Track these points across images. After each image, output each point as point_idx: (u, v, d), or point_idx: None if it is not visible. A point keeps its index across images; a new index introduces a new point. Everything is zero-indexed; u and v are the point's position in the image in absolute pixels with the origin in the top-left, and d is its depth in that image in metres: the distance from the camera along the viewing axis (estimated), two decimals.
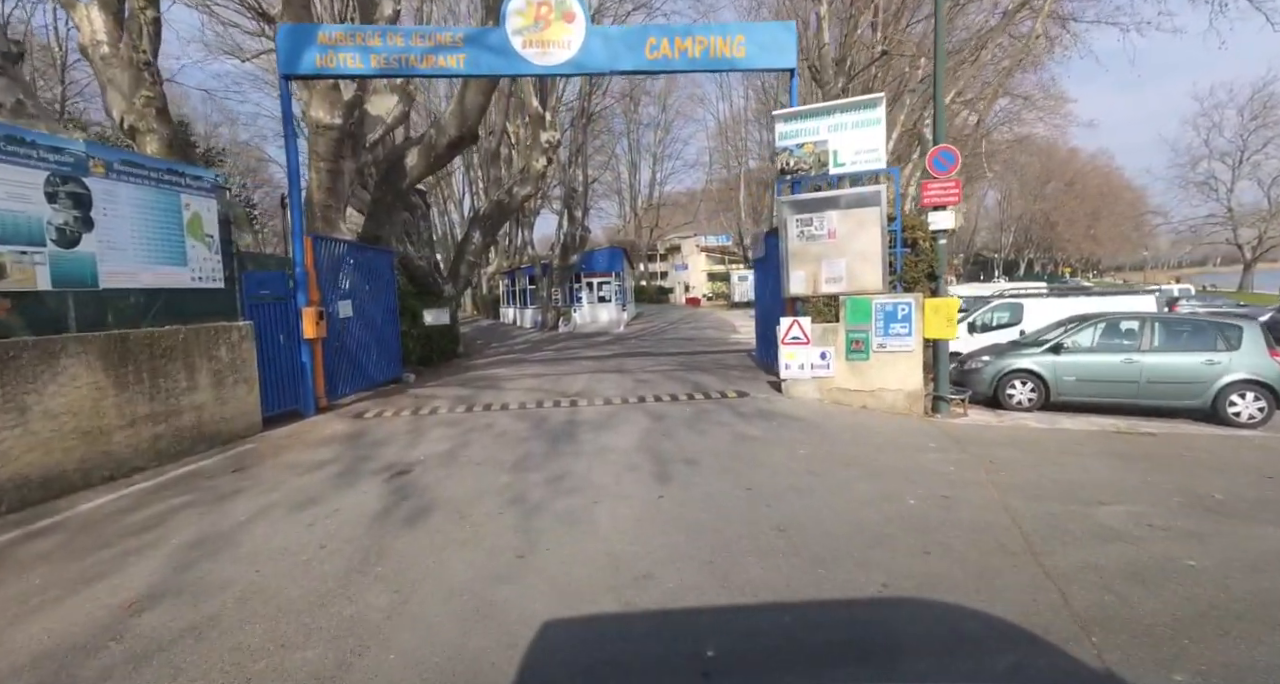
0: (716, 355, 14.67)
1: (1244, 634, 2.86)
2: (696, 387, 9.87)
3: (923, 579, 3.43)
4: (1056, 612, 3.07)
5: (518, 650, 2.82)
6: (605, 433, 6.93)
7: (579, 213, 26.00)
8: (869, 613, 3.15)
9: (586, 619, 3.13)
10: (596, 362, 14.28)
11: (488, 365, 14.60)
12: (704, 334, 22.43)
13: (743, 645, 2.90)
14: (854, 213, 8.36)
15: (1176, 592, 3.27)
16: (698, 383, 10.25)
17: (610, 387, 10.27)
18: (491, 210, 17.07)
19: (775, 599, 3.25)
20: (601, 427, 7.26)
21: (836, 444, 6.30)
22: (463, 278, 17.43)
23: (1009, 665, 2.74)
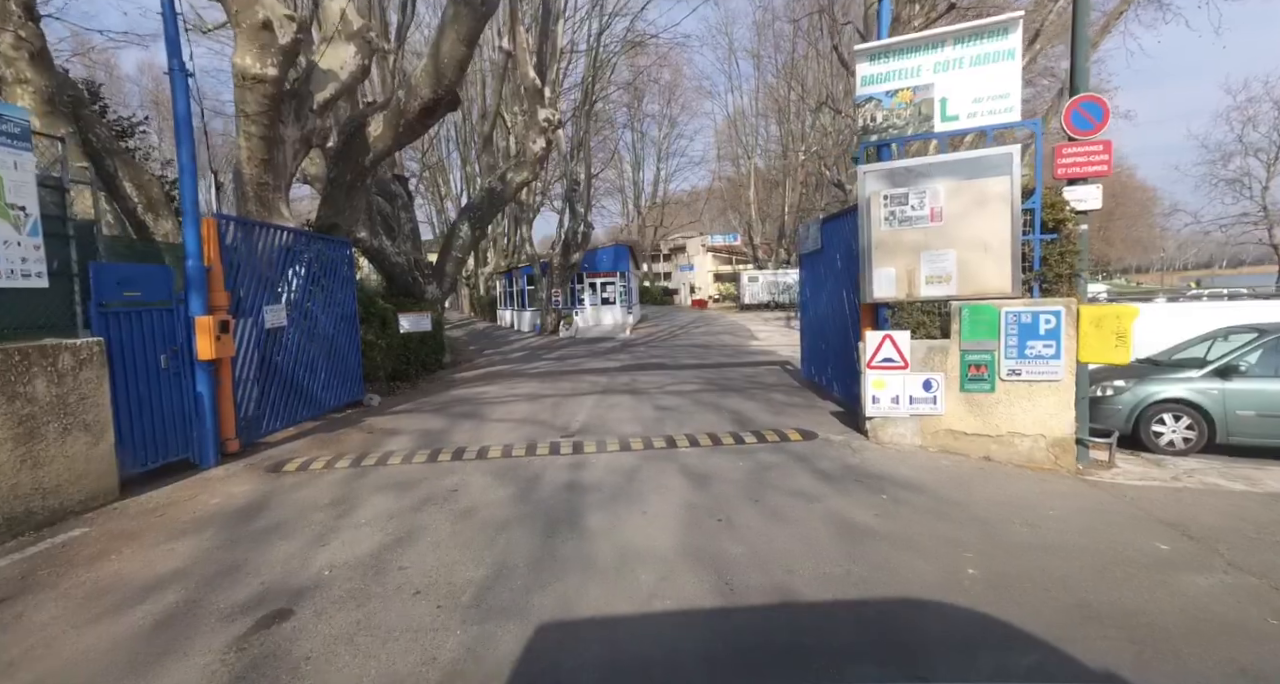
0: (746, 369, 12.19)
1: None
2: (740, 419, 7.39)
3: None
4: None
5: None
6: (625, 514, 4.44)
7: (581, 207, 23.53)
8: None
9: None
10: (603, 376, 11.82)
11: (475, 380, 12.12)
12: (719, 341, 19.96)
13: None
14: (971, 185, 5.89)
15: None
16: (739, 413, 7.77)
17: (624, 417, 7.80)
18: (482, 199, 14.59)
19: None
20: (618, 498, 4.77)
21: (1012, 548, 3.81)
22: (449, 277, 14.95)
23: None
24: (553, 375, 12.38)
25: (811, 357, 9.69)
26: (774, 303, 35.40)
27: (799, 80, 31.49)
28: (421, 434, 7.21)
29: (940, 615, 3.01)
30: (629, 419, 7.66)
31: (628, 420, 7.58)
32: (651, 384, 10.60)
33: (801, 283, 10.03)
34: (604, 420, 7.64)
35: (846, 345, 7.67)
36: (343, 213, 9.58)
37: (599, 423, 7.51)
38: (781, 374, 11.41)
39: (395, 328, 11.48)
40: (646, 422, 7.47)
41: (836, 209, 39.74)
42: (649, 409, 8.25)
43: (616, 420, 7.62)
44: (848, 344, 7.63)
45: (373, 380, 10.32)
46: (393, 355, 11.20)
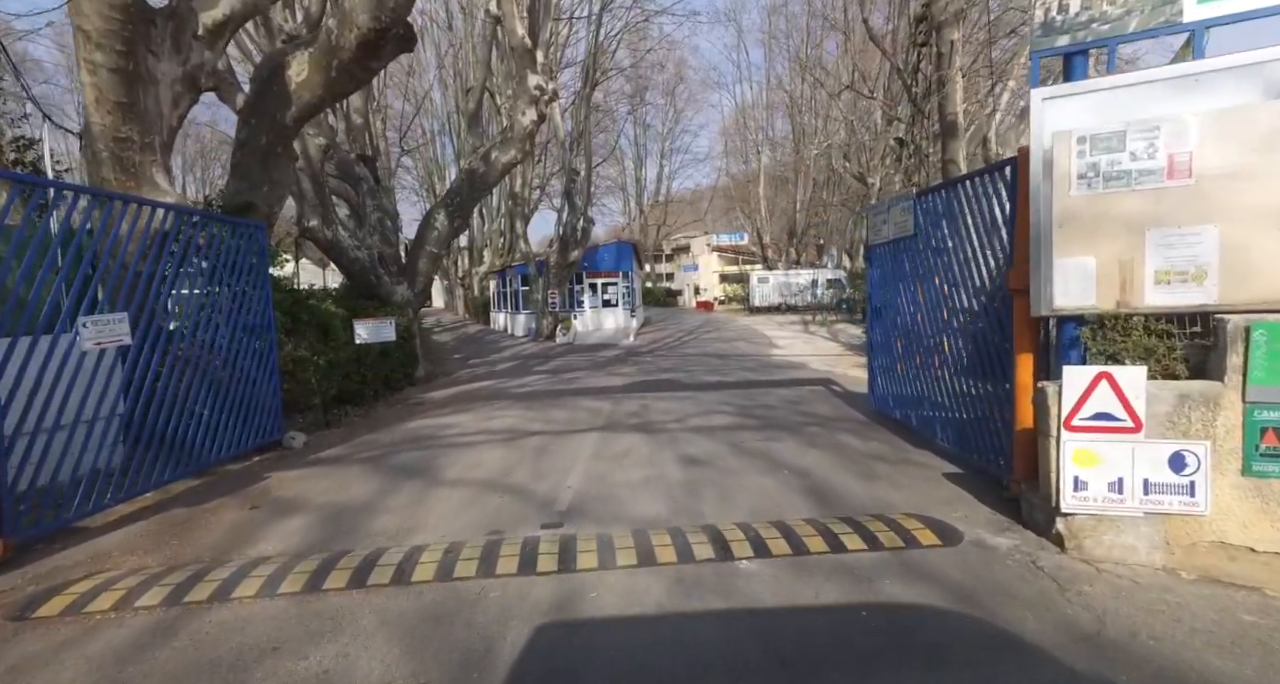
0: (782, 390, 9.62)
1: None
2: (814, 487, 4.81)
3: None
4: None
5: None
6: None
7: (580, 200, 21.00)
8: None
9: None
10: (606, 400, 9.25)
11: (448, 404, 9.55)
12: (735, 349, 17.40)
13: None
14: (1253, 115, 3.33)
15: None
16: (807, 474, 5.20)
17: (638, 480, 5.23)
18: (461, 183, 12.04)
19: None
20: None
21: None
22: (423, 276, 12.40)
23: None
24: (544, 398, 9.80)
25: (889, 382, 7.12)
26: (785, 305, 32.86)
27: (815, 66, 28.96)
28: (329, 514, 4.64)
29: None
30: (645, 485, 5.09)
31: (643, 487, 5.02)
32: (668, 414, 8.04)
33: (871, 282, 7.48)
34: (608, 486, 5.08)
35: (969, 374, 5.13)
36: (259, 188, 7.01)
37: (601, 491, 4.95)
38: (832, 399, 8.85)
39: (344, 339, 8.92)
40: (672, 490, 4.91)
41: (834, 209, 37.46)
42: (672, 464, 5.68)
43: (627, 486, 5.06)
44: (973, 372, 5.08)
45: (304, 410, 7.75)
46: (338, 374, 8.63)
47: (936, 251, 5.69)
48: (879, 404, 7.42)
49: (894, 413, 6.92)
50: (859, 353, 15.40)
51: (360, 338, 9.99)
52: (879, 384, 7.42)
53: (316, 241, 10.60)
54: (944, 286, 5.61)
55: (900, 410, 6.76)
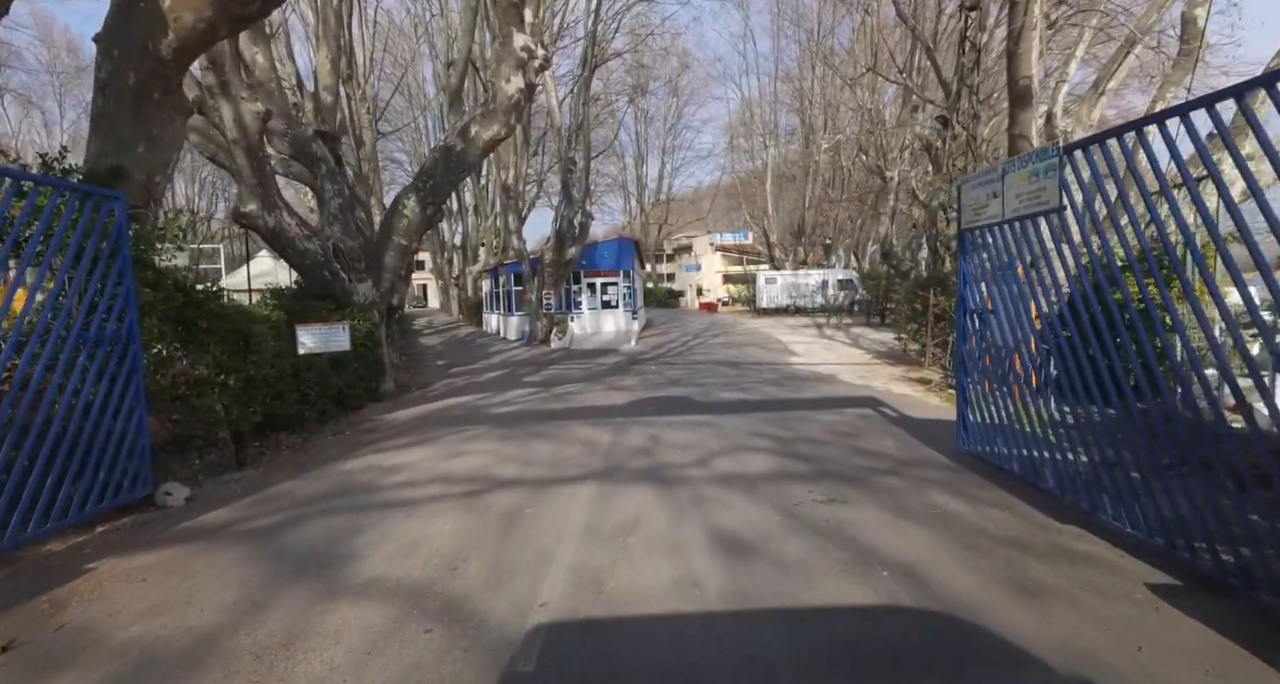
0: (823, 415, 7.66)
1: None
2: (953, 627, 2.87)
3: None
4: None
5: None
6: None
7: (578, 192, 19.04)
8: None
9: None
10: (605, 428, 7.28)
11: (405, 432, 7.57)
12: (749, 356, 15.44)
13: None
14: None
15: None
16: (920, 580, 3.25)
17: (650, 585, 3.26)
18: (435, 163, 10.07)
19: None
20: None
21: None
22: (389, 273, 10.43)
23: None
24: (528, 422, 7.84)
25: (994, 415, 5.15)
26: (794, 307, 30.90)
27: (829, 54, 26.97)
28: (124, 671, 2.69)
29: None
30: (665, 598, 3.14)
31: (663, 604, 3.07)
32: (686, 452, 6.08)
33: (963, 278, 5.51)
34: (606, 602, 3.11)
35: None
36: (131, 148, 5.05)
37: (594, 615, 2.98)
38: (890, 428, 6.89)
39: (274, 349, 6.96)
40: (715, 624, 2.94)
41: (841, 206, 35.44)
42: (704, 553, 3.71)
43: (637, 600, 3.11)
44: None
45: (206, 447, 5.78)
46: (263, 395, 6.66)
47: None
48: (972, 444, 5.46)
49: (1005, 461, 4.97)
50: (890, 360, 13.47)
51: (305, 347, 8.06)
52: (974, 417, 5.46)
53: (256, 230, 8.64)
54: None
55: (1017, 460, 4.81)
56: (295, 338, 8.08)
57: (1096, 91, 9.87)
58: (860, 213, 34.81)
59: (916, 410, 7.90)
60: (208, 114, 8.32)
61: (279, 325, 7.56)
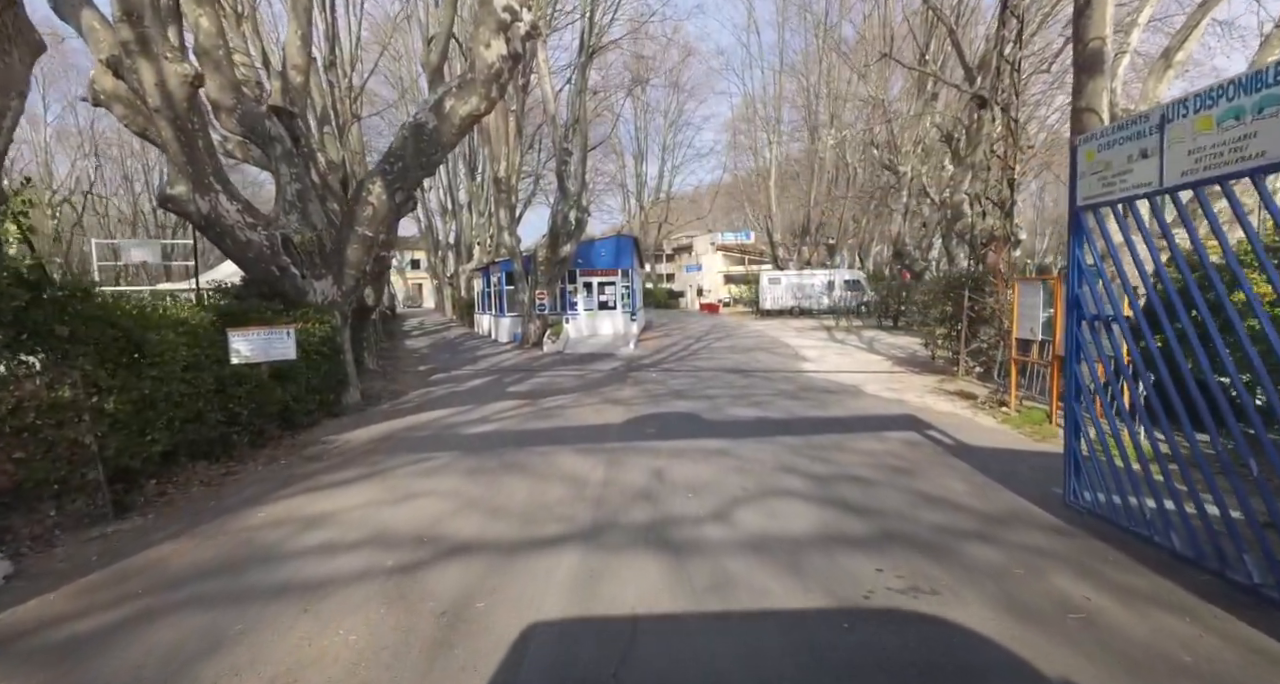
0: (864, 439, 6.24)
1: None
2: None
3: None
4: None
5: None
6: None
7: (574, 185, 17.62)
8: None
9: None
10: (596, 457, 5.86)
11: (353, 461, 6.14)
12: (757, 362, 14.04)
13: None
14: None
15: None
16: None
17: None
18: (404, 143, 8.65)
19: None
20: None
21: None
22: (353, 269, 9.02)
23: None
24: (504, 449, 6.41)
25: (1123, 462, 3.75)
26: (799, 308, 29.49)
27: (838, 44, 25.56)
28: None
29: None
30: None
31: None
32: (700, 496, 4.68)
33: (1075, 270, 4.08)
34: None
35: None
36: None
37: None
38: (953, 463, 5.48)
39: (185, 359, 5.54)
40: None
41: (846, 206, 33.90)
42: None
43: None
44: None
45: (65, 494, 4.36)
46: (165, 418, 5.23)
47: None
48: (1085, 495, 4.04)
49: (1148, 527, 3.56)
50: (914, 368, 12.08)
51: (239, 355, 6.66)
52: (1094, 463, 4.04)
53: (185, 216, 7.23)
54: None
55: (1175, 528, 3.40)
56: (228, 345, 6.70)
57: (1166, 62, 8.49)
58: (865, 212, 33.47)
59: (973, 435, 6.50)
60: (125, 76, 6.91)
61: (202, 330, 6.14)
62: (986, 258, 11.17)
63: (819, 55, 27.97)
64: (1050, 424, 6.71)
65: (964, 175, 16.24)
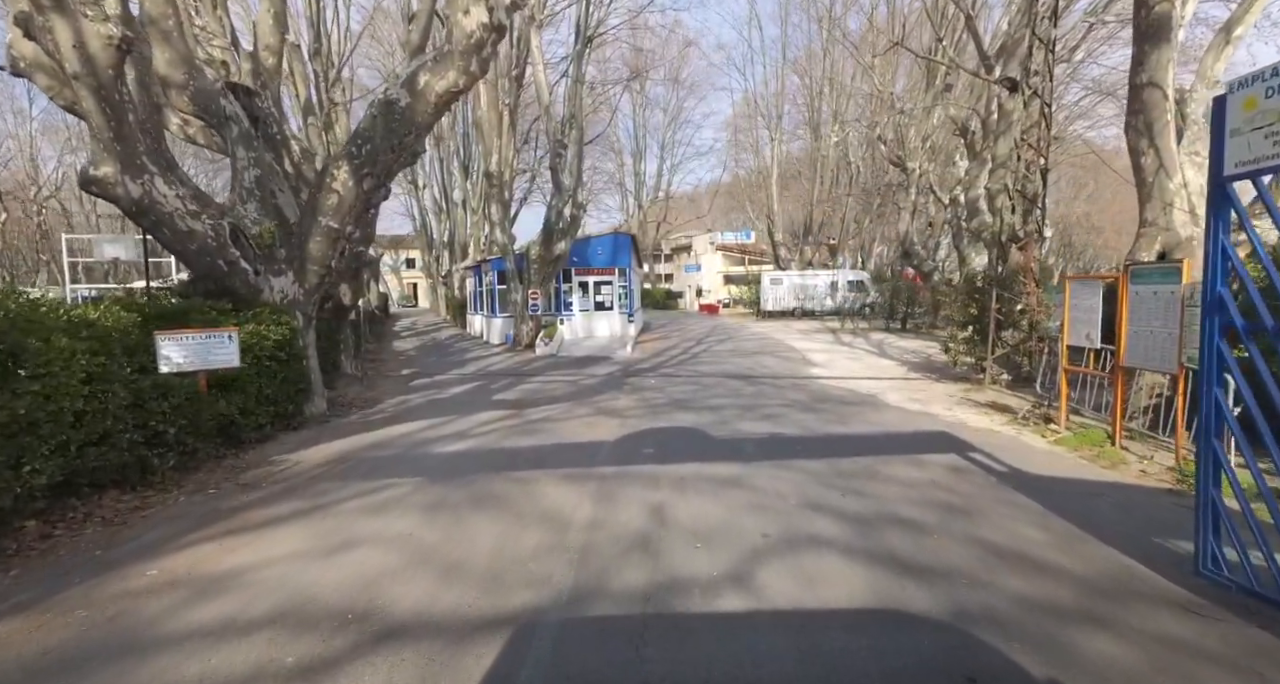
0: (900, 465, 5.24)
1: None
2: None
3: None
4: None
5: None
6: None
7: (569, 179, 16.64)
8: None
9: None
10: (584, 487, 4.85)
11: (294, 490, 5.11)
12: (762, 366, 13.06)
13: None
14: None
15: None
16: None
17: None
18: (373, 123, 7.64)
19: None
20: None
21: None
22: (317, 265, 8.01)
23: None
24: (476, 475, 5.40)
25: None
26: (801, 310, 28.52)
27: (843, 37, 24.58)
28: None
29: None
30: None
31: None
32: (710, 548, 3.69)
33: (1215, 266, 3.08)
34: None
35: None
36: None
37: None
38: (1016, 499, 4.49)
39: (84, 369, 4.53)
40: None
41: (849, 206, 32.88)
42: None
43: None
44: None
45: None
46: (54, 443, 4.22)
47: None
48: (1231, 558, 3.04)
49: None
50: (931, 374, 11.11)
51: (169, 363, 5.68)
52: (1248, 519, 3.02)
53: (113, 200, 6.22)
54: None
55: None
56: (155, 351, 5.70)
57: (1225, 37, 7.52)
58: (867, 211, 32.52)
59: (1026, 460, 5.52)
60: (38, 37, 5.90)
61: (116, 334, 5.13)
62: (1010, 256, 10.21)
63: (824, 48, 27.00)
64: (1113, 446, 5.73)
65: (980, 170, 15.27)
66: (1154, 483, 4.92)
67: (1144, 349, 5.51)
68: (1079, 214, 57.83)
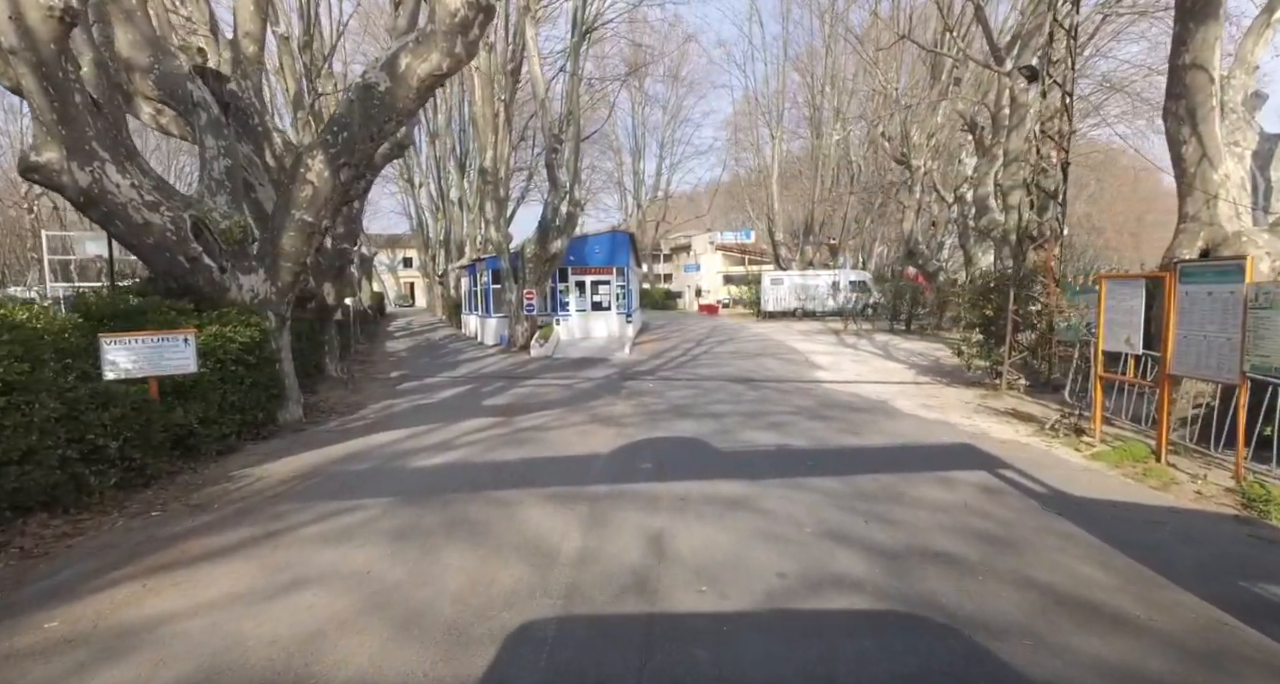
0: (925, 484, 4.66)
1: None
2: None
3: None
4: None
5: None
6: None
7: (565, 175, 16.06)
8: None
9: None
10: (573, 511, 4.27)
11: (251, 511, 4.52)
12: (765, 369, 12.49)
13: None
14: None
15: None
16: None
17: None
18: (350, 109, 7.05)
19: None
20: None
21: None
22: (290, 261, 7.42)
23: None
24: (453, 495, 4.81)
25: None
26: (802, 310, 27.94)
27: (848, 29, 24.01)
28: None
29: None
30: None
31: None
32: (716, 592, 3.11)
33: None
34: None
35: None
36: None
37: None
38: (1071, 531, 3.91)
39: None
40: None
41: (850, 205, 32.29)
42: None
43: None
44: None
45: None
46: None
47: None
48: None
49: None
50: (942, 378, 10.55)
51: (115, 369, 5.11)
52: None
53: (57, 189, 5.63)
54: None
55: None
56: (99, 355, 5.12)
57: (1266, 19, 6.96)
58: (868, 211, 31.96)
59: (1065, 478, 4.95)
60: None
61: (48, 336, 4.55)
62: (1027, 255, 9.65)
63: (826, 45, 26.43)
64: (1159, 463, 5.16)
65: (989, 166, 14.71)
66: (1215, 507, 4.36)
67: (1195, 356, 4.94)
68: (1080, 214, 57.29)
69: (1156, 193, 61.62)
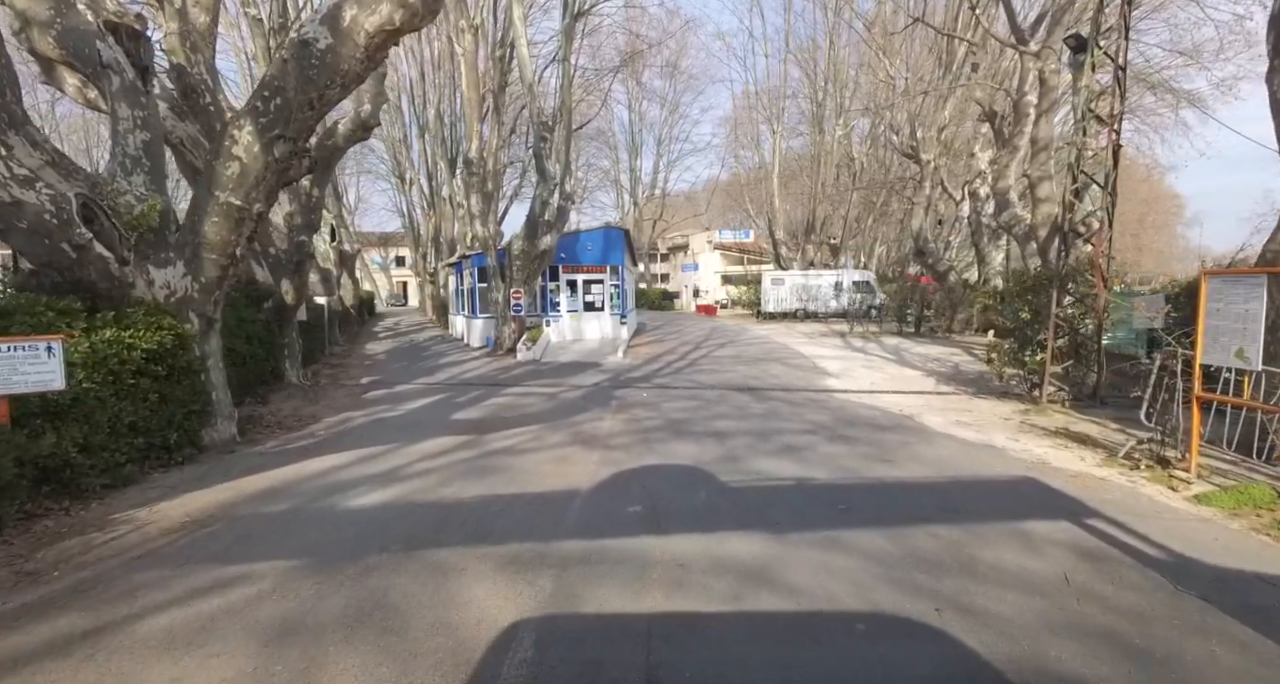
0: (1007, 552, 3.45)
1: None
2: None
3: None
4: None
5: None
6: None
7: (555, 166, 14.83)
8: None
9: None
10: (533, 587, 3.03)
11: (92, 587, 3.24)
12: (770, 376, 11.29)
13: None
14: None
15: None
16: None
17: None
18: (283, 71, 5.82)
19: None
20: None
21: None
22: (216, 253, 6.17)
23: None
24: (380, 558, 3.60)
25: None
26: (804, 311, 26.76)
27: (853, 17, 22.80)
28: None
29: None
30: None
31: None
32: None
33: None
34: None
35: None
36: None
37: None
38: (1226, 624, 2.71)
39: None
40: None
41: (863, 203, 31.06)
42: None
43: None
44: None
45: None
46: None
47: None
48: None
49: None
50: (968, 388, 9.36)
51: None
52: None
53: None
54: None
55: None
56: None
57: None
58: (869, 210, 30.82)
59: (1180, 536, 3.76)
60: None
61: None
62: (1069, 250, 8.50)
63: (829, 37, 25.26)
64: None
65: (1011, 157, 13.55)
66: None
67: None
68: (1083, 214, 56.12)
69: (1158, 194, 60.72)
